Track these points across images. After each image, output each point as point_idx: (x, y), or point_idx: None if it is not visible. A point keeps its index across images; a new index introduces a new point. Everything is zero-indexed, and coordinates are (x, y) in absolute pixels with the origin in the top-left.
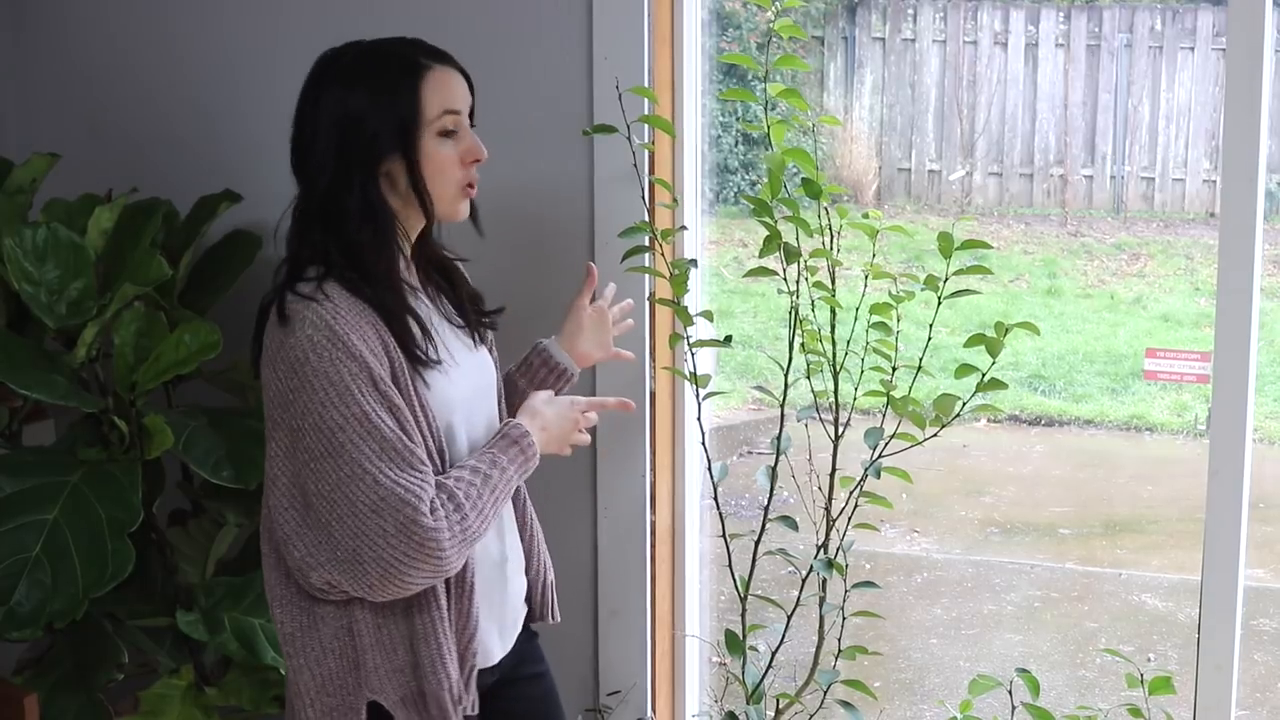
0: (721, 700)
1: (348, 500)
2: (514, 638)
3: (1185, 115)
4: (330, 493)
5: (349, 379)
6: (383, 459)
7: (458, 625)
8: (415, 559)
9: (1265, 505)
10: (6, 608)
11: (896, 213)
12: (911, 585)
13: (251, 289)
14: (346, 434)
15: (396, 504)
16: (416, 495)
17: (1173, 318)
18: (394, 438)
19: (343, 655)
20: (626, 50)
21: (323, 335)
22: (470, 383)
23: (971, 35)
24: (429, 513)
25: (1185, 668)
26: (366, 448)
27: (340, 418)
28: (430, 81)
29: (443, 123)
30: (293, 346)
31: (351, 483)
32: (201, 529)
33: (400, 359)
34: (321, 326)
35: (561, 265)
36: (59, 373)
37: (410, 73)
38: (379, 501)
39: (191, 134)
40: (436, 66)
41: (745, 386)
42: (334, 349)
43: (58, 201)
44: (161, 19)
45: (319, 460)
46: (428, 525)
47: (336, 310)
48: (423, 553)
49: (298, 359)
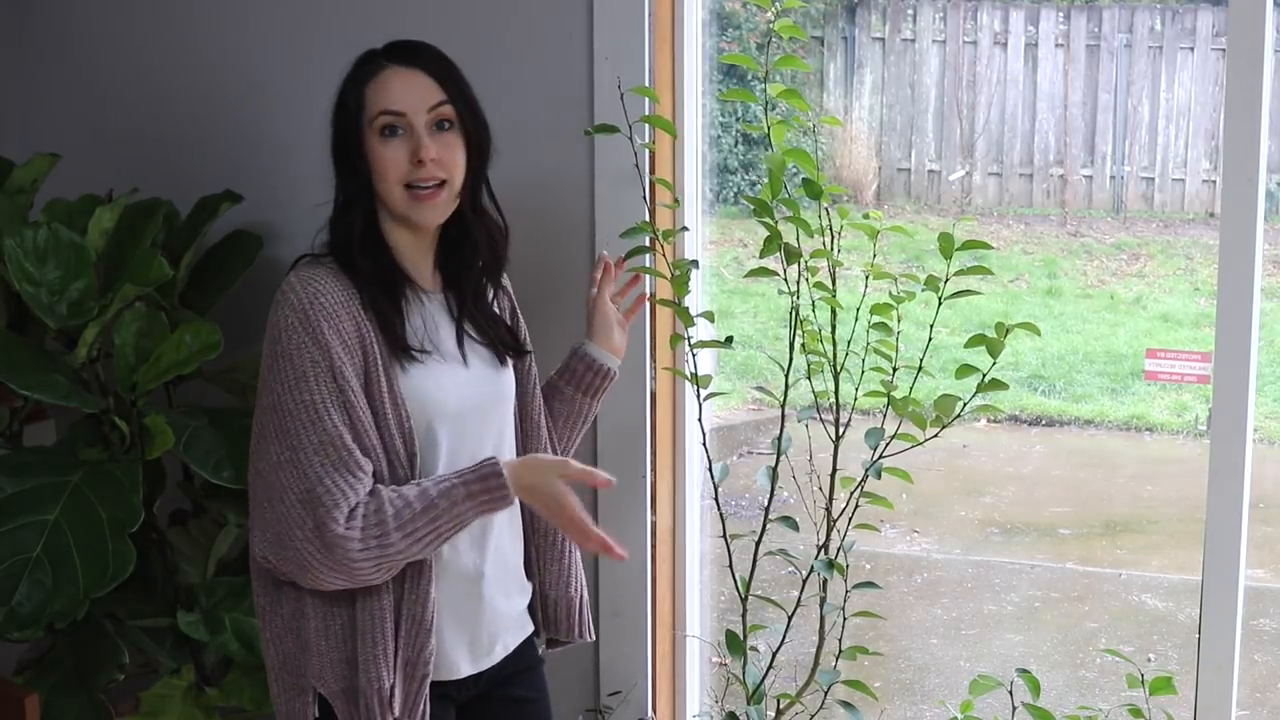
0: (722, 701)
1: (280, 485)
2: (492, 658)
3: (1185, 115)
4: (268, 473)
5: (308, 366)
6: (319, 453)
7: (407, 631)
8: (323, 560)
9: (1265, 505)
10: (7, 608)
11: (896, 213)
12: (912, 585)
13: (252, 289)
14: (295, 419)
15: (315, 501)
16: (334, 498)
17: (1172, 318)
18: (335, 434)
19: (298, 636)
20: (627, 50)
21: (297, 318)
22: (469, 393)
23: (971, 35)
24: (343, 519)
25: (1185, 668)
26: (308, 438)
27: (292, 403)
28: (374, 83)
29: (381, 122)
30: (274, 325)
31: (287, 467)
32: (202, 529)
33: (376, 349)
34: (299, 309)
35: (562, 265)
36: (60, 373)
37: (364, 71)
38: (305, 493)
39: (192, 135)
40: (390, 69)
41: (745, 387)
42: (304, 334)
43: (58, 202)
44: (162, 20)
45: (267, 439)
46: (338, 531)
47: (318, 295)
48: (330, 556)
49: (273, 337)
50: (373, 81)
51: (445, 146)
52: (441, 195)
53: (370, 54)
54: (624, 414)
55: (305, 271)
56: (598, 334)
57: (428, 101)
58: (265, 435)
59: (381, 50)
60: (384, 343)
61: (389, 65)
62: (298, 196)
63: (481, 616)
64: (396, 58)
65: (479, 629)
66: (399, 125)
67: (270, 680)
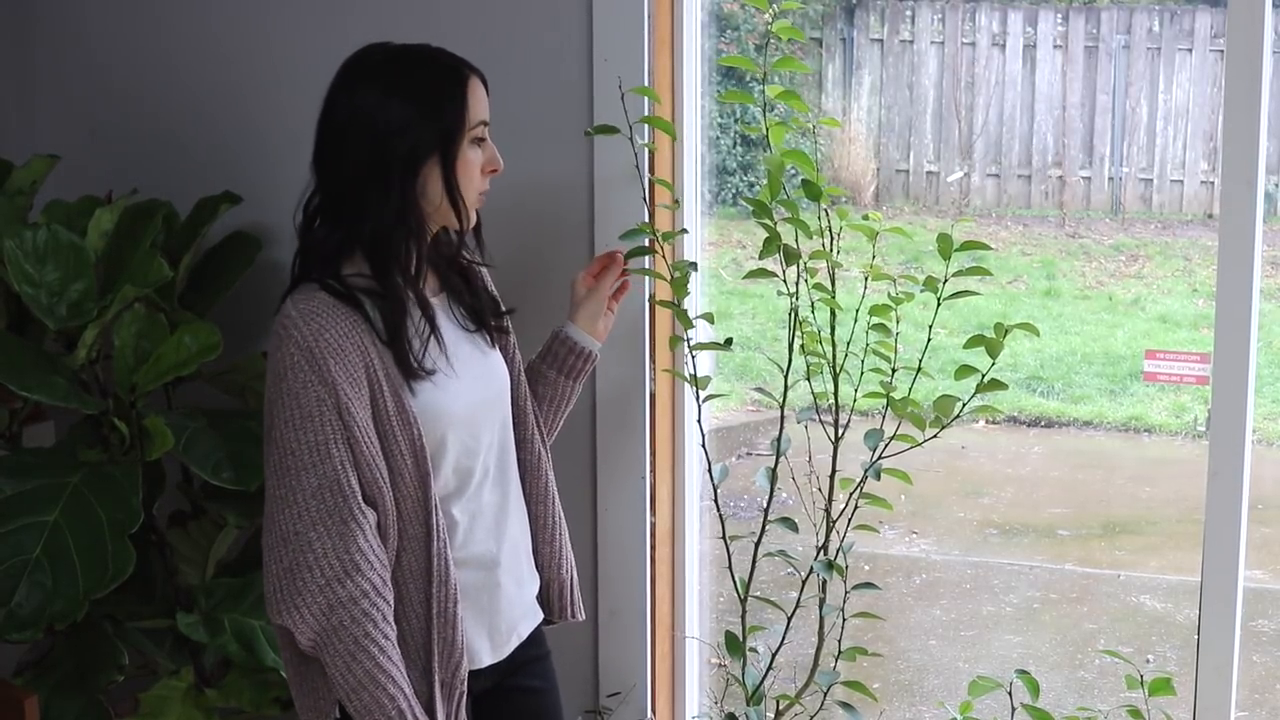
0: (721, 702)
1: (271, 518)
2: (509, 647)
3: (1183, 116)
4: (269, 504)
5: (314, 405)
6: (316, 497)
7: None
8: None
9: (1264, 506)
10: (7, 609)
11: (894, 214)
12: (911, 586)
13: (251, 290)
14: (297, 458)
15: (303, 545)
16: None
17: (1171, 319)
18: (335, 478)
19: (313, 661)
20: (627, 52)
21: (303, 357)
22: (474, 396)
23: (969, 37)
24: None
25: (1184, 669)
26: (307, 480)
27: (296, 442)
28: (472, 90)
29: (477, 131)
30: (277, 361)
31: (284, 505)
32: (202, 530)
33: (382, 377)
34: (304, 347)
35: (562, 266)
36: (59, 374)
37: (456, 80)
38: (292, 535)
39: (191, 136)
40: (473, 76)
41: (745, 388)
42: (309, 372)
43: (58, 203)
44: (161, 22)
45: (271, 474)
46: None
47: (322, 331)
48: (288, 603)
49: (278, 374)
50: (471, 89)
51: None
52: None
53: (446, 63)
54: (623, 415)
55: (305, 304)
56: (584, 318)
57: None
58: (268, 468)
59: (453, 59)
60: (397, 368)
61: (472, 74)
62: (298, 198)
63: (500, 604)
64: (471, 67)
65: (497, 617)
66: (485, 135)
67: (295, 697)
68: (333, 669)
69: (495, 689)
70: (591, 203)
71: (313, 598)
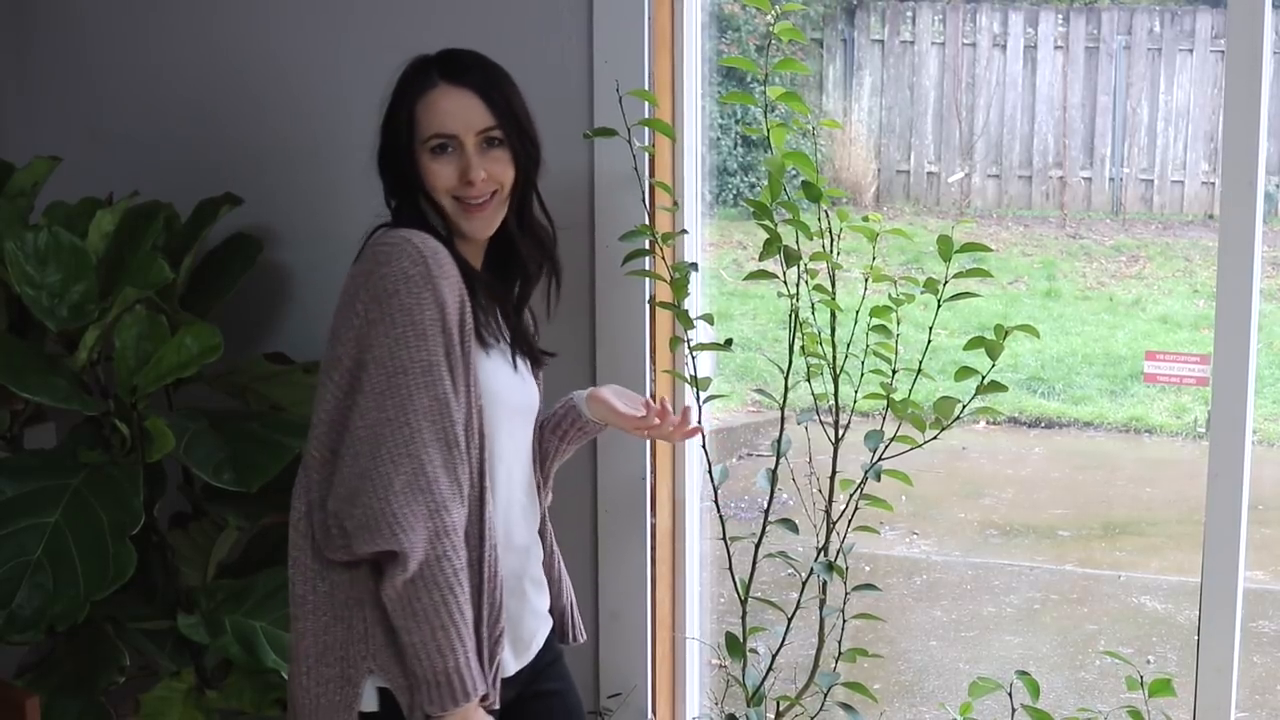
0: (722, 703)
1: (376, 439)
2: (530, 653)
3: (1184, 117)
4: (366, 430)
5: (427, 324)
6: (428, 417)
7: (489, 619)
8: (399, 523)
9: (1264, 507)
10: (8, 611)
11: (895, 215)
12: (911, 587)
13: (252, 292)
14: (408, 377)
15: (417, 466)
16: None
17: (1171, 320)
18: (446, 400)
19: (349, 626)
20: (627, 53)
21: (419, 270)
22: (518, 397)
23: (970, 37)
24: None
25: (1185, 670)
26: (419, 399)
27: (407, 359)
28: (425, 103)
29: (432, 143)
30: (385, 276)
31: (394, 426)
32: (203, 532)
33: (467, 326)
34: (420, 261)
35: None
36: (60, 376)
37: (411, 94)
38: (405, 456)
39: (192, 137)
40: (440, 87)
41: (745, 389)
42: (425, 288)
43: (59, 205)
44: (162, 23)
45: (371, 395)
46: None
47: (437, 251)
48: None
49: (386, 290)
50: (423, 100)
51: (494, 162)
52: (491, 204)
53: (423, 63)
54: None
55: (414, 232)
56: (606, 411)
57: (476, 125)
58: (366, 393)
59: (435, 60)
60: (475, 321)
61: (440, 83)
62: (298, 199)
63: (524, 612)
64: (448, 74)
65: (521, 625)
66: (449, 144)
67: (298, 673)
68: (421, 603)
69: (519, 699)
70: (591, 205)
71: (425, 522)
